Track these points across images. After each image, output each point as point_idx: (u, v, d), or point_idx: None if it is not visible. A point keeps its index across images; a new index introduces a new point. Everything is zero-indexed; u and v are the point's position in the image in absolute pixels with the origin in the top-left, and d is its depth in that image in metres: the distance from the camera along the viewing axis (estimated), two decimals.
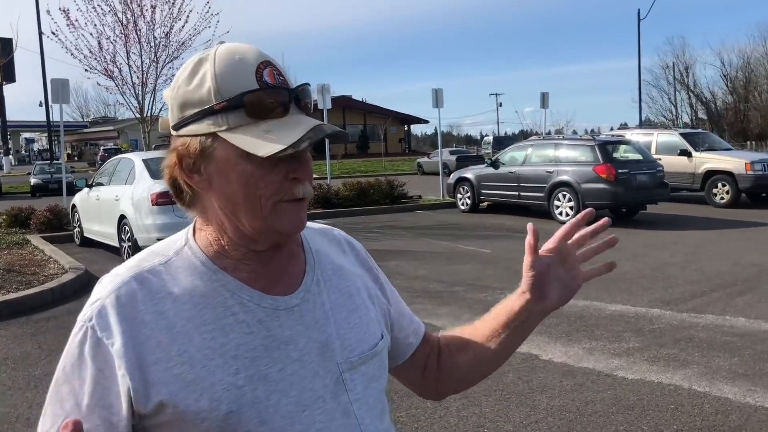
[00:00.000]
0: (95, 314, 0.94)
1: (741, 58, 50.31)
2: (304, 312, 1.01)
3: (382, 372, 1.09)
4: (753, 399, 4.16)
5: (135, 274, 0.96)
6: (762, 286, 7.17)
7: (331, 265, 1.10)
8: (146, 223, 8.74)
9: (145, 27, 14.73)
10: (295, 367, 0.97)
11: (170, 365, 0.92)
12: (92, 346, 0.92)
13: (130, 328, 0.92)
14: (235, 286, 0.98)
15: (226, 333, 0.95)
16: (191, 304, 0.95)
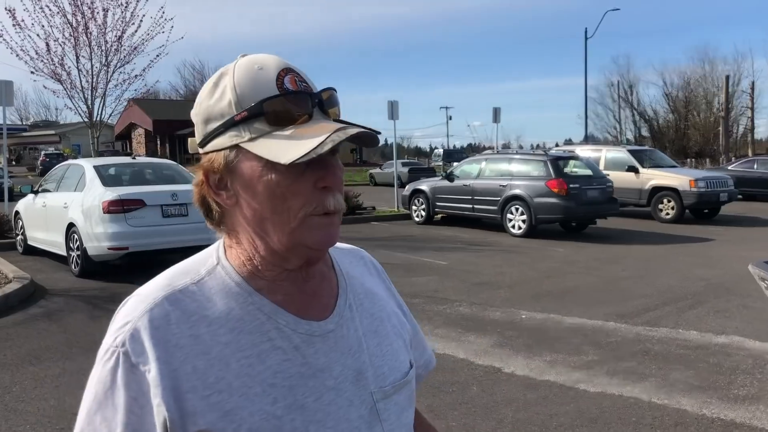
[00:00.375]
0: (128, 338, 0.88)
1: (682, 79, 52.23)
2: (338, 338, 0.97)
3: (411, 401, 1.06)
4: (709, 411, 4.28)
5: (167, 295, 0.91)
6: (710, 300, 7.40)
7: (361, 288, 1.07)
8: (97, 232, 8.48)
9: (96, 30, 14.37)
10: (331, 396, 0.93)
11: (207, 393, 0.86)
12: (126, 373, 0.87)
13: (165, 353, 0.87)
14: (271, 309, 0.93)
15: (263, 360, 0.90)
16: (227, 328, 0.90)
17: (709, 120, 48.93)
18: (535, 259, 10.24)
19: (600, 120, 54.88)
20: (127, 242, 8.48)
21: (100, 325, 6.43)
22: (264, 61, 0.92)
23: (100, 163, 9.62)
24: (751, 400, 4.46)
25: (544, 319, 6.61)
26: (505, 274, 9.02)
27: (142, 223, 8.58)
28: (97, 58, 14.57)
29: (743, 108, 47.67)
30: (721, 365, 5.17)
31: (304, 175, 0.88)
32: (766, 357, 5.37)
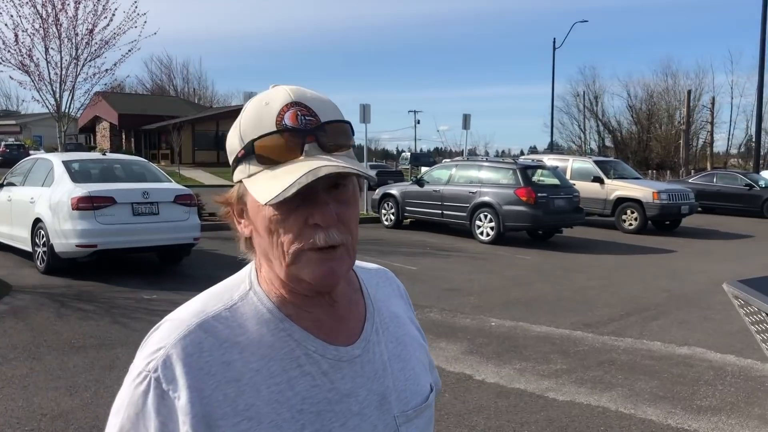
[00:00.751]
0: (160, 365, 0.90)
1: (645, 91, 53.37)
2: (364, 363, 1.00)
3: (430, 424, 1.09)
4: (674, 421, 4.42)
5: (201, 322, 0.93)
6: (672, 311, 7.61)
7: (387, 312, 1.09)
8: (65, 229, 8.35)
9: (67, 22, 14.13)
10: (356, 422, 0.96)
11: (237, 420, 0.89)
12: (156, 399, 0.89)
13: (196, 380, 0.89)
14: (301, 336, 0.96)
15: (293, 386, 0.92)
16: (258, 355, 0.93)
17: (671, 133, 50.07)
18: (503, 267, 10.39)
19: (565, 129, 55.79)
20: (96, 240, 8.37)
21: (68, 324, 6.36)
22: (274, 95, 0.93)
23: (69, 159, 9.45)
24: (714, 411, 4.62)
25: (513, 326, 6.73)
26: (474, 280, 9.14)
27: (112, 221, 8.47)
28: (67, 50, 14.34)
29: (703, 122, 48.93)
30: (684, 376, 5.33)
31: (296, 211, 0.90)
32: (726, 369, 5.55)
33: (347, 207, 0.93)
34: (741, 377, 5.36)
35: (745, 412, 4.62)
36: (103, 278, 8.51)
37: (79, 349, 5.60)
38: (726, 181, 21.78)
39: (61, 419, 4.17)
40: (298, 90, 0.94)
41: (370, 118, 17.63)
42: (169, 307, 4.58)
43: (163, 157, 42.82)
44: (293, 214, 0.90)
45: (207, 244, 11.21)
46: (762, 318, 3.31)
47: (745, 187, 21.05)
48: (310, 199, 0.89)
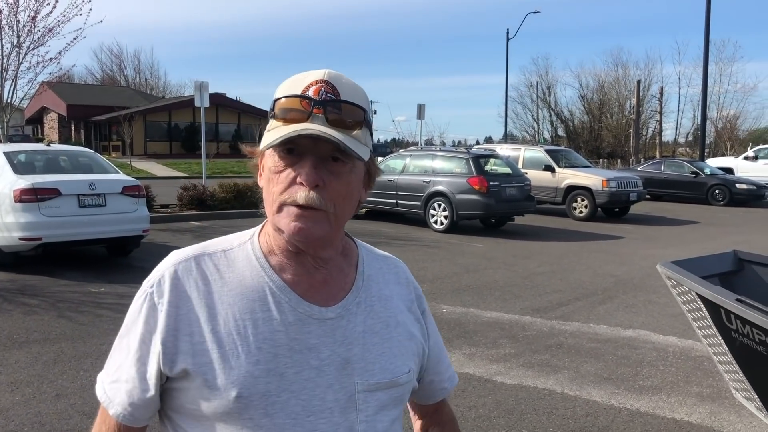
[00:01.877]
0: (156, 283, 1.07)
1: (596, 81, 54.17)
2: (335, 327, 1.08)
3: (397, 404, 1.13)
4: (617, 401, 4.54)
5: (197, 254, 1.10)
6: (619, 295, 7.80)
7: (378, 292, 1.16)
8: (7, 221, 8.11)
9: (7, 9, 13.64)
10: (311, 374, 1.04)
11: (200, 340, 1.03)
12: (147, 310, 1.06)
13: (177, 298, 1.05)
14: (279, 285, 1.07)
15: (257, 326, 1.04)
16: (236, 292, 1.06)
17: (621, 122, 51.06)
18: (456, 254, 10.50)
19: (519, 119, 56.34)
20: (41, 232, 8.15)
21: (10, 319, 6.20)
22: (314, 73, 1.05)
23: (11, 150, 9.17)
24: (655, 390, 4.77)
25: (464, 312, 6.81)
26: (427, 268, 9.21)
27: (57, 213, 8.26)
28: (8, 38, 13.85)
29: (652, 112, 50.00)
30: (628, 358, 5.48)
31: (290, 168, 1.02)
32: (668, 350, 5.73)
33: (338, 180, 1.03)
34: (681, 357, 5.53)
35: (684, 391, 4.77)
36: (49, 272, 8.30)
37: (22, 344, 5.46)
38: (673, 168, 22.35)
39: (2, 415, 4.07)
40: (335, 74, 1.06)
41: None
42: (118, 300, 4.64)
43: (114, 148, 41.87)
44: (287, 170, 1.02)
45: (158, 236, 11.03)
46: (692, 297, 3.43)
47: (691, 174, 21.64)
48: (305, 160, 1.01)
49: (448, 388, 1.31)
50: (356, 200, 1.08)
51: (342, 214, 1.05)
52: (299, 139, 1.00)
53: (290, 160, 1.02)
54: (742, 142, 44.54)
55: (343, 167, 1.03)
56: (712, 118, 47.08)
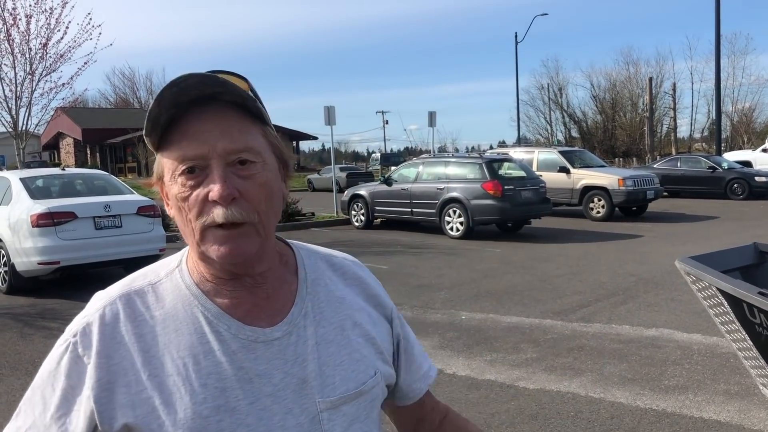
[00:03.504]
0: (80, 331, 0.96)
1: (608, 81, 53.91)
2: (284, 346, 0.98)
3: (369, 412, 1.04)
4: (642, 402, 4.46)
5: (122, 294, 0.98)
6: (640, 295, 7.70)
7: (326, 296, 1.06)
8: (25, 247, 8.18)
9: (19, 37, 13.87)
10: (266, 402, 0.94)
11: (140, 389, 0.92)
12: (70, 361, 0.94)
13: (107, 348, 0.94)
14: (215, 313, 0.97)
15: (199, 361, 0.94)
16: (170, 329, 0.95)
17: (635, 120, 50.72)
18: (473, 260, 10.43)
19: (532, 122, 56.18)
20: (58, 256, 8.21)
21: (31, 344, 6.23)
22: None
23: (27, 175, 9.27)
24: (681, 389, 4.67)
25: (484, 319, 6.74)
26: (445, 275, 9.15)
27: (74, 236, 8.32)
28: (21, 66, 14.10)
29: (666, 108, 49.62)
30: (653, 357, 5.39)
31: (198, 188, 0.92)
32: (693, 347, 5.62)
33: (253, 183, 0.93)
34: (707, 355, 5.43)
35: (712, 389, 4.68)
36: (68, 295, 8.35)
37: None
38: (690, 164, 22.11)
39: None
40: None
41: (336, 120, 17.59)
42: None
43: (129, 170, 42.30)
44: (195, 190, 0.92)
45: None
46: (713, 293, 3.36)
47: (708, 169, 21.40)
48: (211, 174, 0.91)
49: (423, 388, 1.19)
50: (279, 198, 0.98)
51: (269, 220, 0.95)
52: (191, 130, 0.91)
53: (195, 180, 0.91)
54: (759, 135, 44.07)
55: (253, 168, 0.93)
56: (727, 111, 46.64)
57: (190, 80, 0.89)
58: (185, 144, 0.91)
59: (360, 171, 35.91)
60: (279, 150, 0.99)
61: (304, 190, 32.66)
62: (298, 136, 56.44)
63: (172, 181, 0.93)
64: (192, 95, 0.90)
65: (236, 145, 0.92)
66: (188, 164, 0.91)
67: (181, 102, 0.91)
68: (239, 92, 0.92)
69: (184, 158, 0.91)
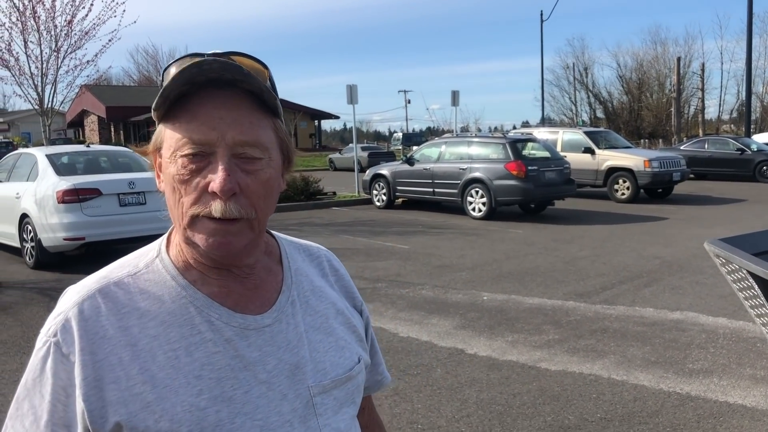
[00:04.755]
0: (59, 329, 0.90)
1: (635, 60, 53.15)
2: (275, 332, 0.97)
3: (355, 397, 1.05)
4: (666, 385, 4.41)
5: (101, 287, 0.93)
6: (665, 277, 7.60)
7: (309, 285, 1.07)
8: (51, 222, 8.29)
9: (45, 14, 13.91)
10: (262, 390, 0.93)
11: (130, 384, 0.88)
12: (55, 362, 0.89)
13: (91, 344, 0.89)
14: (204, 302, 0.94)
15: (191, 352, 0.91)
16: (157, 321, 0.92)
17: (662, 101, 49.98)
18: (495, 241, 10.37)
19: (556, 102, 55.59)
20: (84, 232, 8.31)
21: None
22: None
23: (53, 152, 9.36)
24: (705, 373, 4.62)
25: (505, 299, 6.71)
26: (467, 256, 9.12)
27: (99, 213, 8.41)
28: (47, 43, 14.12)
29: (694, 89, 48.78)
30: (677, 340, 5.32)
31: (199, 174, 0.89)
32: (718, 331, 5.55)
33: (255, 180, 0.90)
34: (733, 339, 5.35)
35: (737, 373, 4.61)
36: (93, 270, 8.34)
37: None
38: (717, 146, 21.73)
39: None
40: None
41: (358, 99, 17.51)
42: None
43: None
44: (196, 176, 0.88)
45: None
46: (743, 275, 3.29)
47: (736, 151, 21.02)
48: (215, 163, 0.88)
49: (382, 381, 1.21)
50: (277, 194, 0.96)
51: (264, 216, 0.94)
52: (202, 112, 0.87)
53: (197, 165, 0.88)
54: None
55: (258, 163, 0.90)
56: (758, 92, 45.72)
57: (214, 65, 0.86)
58: (194, 126, 0.88)
59: (381, 150, 35.79)
60: (286, 145, 0.97)
61: (325, 169, 32.68)
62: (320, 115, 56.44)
63: (172, 160, 0.90)
64: (210, 76, 0.87)
65: (246, 137, 0.89)
66: (193, 148, 0.88)
67: (198, 81, 0.87)
68: (258, 84, 0.89)
69: (190, 140, 0.88)
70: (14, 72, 14.09)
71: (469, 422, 3.93)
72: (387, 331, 5.70)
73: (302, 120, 50.86)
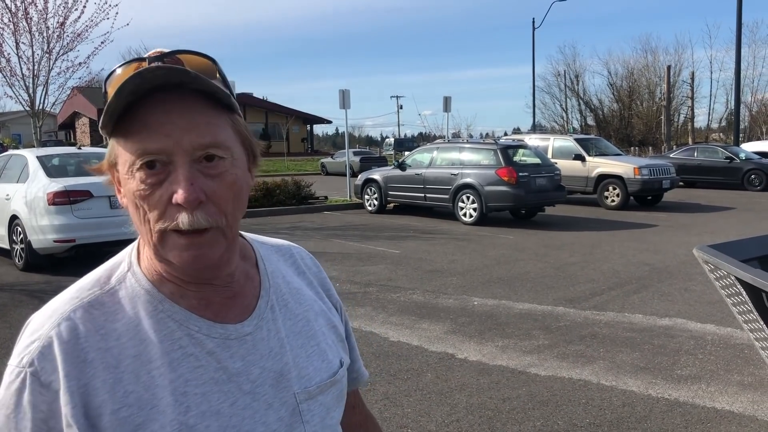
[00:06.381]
0: (36, 357, 0.84)
1: (625, 68, 53.39)
2: (257, 341, 0.94)
3: (339, 401, 1.04)
4: (654, 391, 4.44)
5: (74, 308, 0.88)
6: (654, 284, 7.65)
7: (287, 288, 1.04)
8: (42, 224, 8.25)
9: (37, 16, 13.89)
10: (247, 401, 0.91)
11: (117, 407, 0.83)
12: (33, 394, 0.83)
13: (73, 368, 0.83)
14: (183, 316, 0.90)
15: (174, 369, 0.87)
16: (137, 340, 0.87)
17: (652, 109, 50.25)
18: (486, 247, 10.41)
19: (547, 109, 55.79)
20: (74, 234, 8.28)
21: None
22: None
23: (44, 154, 9.33)
24: (693, 379, 4.65)
25: (496, 305, 6.73)
26: (457, 261, 9.14)
27: (90, 215, 8.38)
28: (39, 44, 14.11)
29: (684, 98, 49.08)
30: (666, 347, 5.36)
31: (160, 187, 0.84)
32: (706, 338, 5.59)
33: (221, 183, 0.85)
34: (720, 345, 5.40)
35: (725, 379, 4.65)
36: (83, 273, 8.25)
37: None
38: (707, 154, 21.89)
39: None
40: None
41: (350, 104, 17.54)
42: None
43: None
44: (157, 190, 0.83)
45: None
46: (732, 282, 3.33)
47: (725, 160, 21.18)
48: (175, 172, 0.83)
49: (358, 378, 1.18)
50: (247, 193, 0.91)
51: (235, 221, 0.89)
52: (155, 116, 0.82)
53: (156, 177, 0.83)
54: None
55: (222, 165, 0.85)
56: (747, 102, 46.06)
57: (158, 71, 0.81)
58: (146, 136, 0.82)
59: (373, 155, 35.84)
60: (248, 140, 0.92)
61: (317, 173, 32.65)
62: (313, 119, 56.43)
63: (129, 175, 0.84)
64: (155, 83, 0.82)
65: (204, 139, 0.84)
66: (148, 158, 0.83)
67: (142, 90, 0.82)
68: (208, 84, 0.84)
69: (145, 152, 0.83)
70: (5, 73, 14.07)
71: (459, 427, 3.94)
72: (377, 335, 5.71)
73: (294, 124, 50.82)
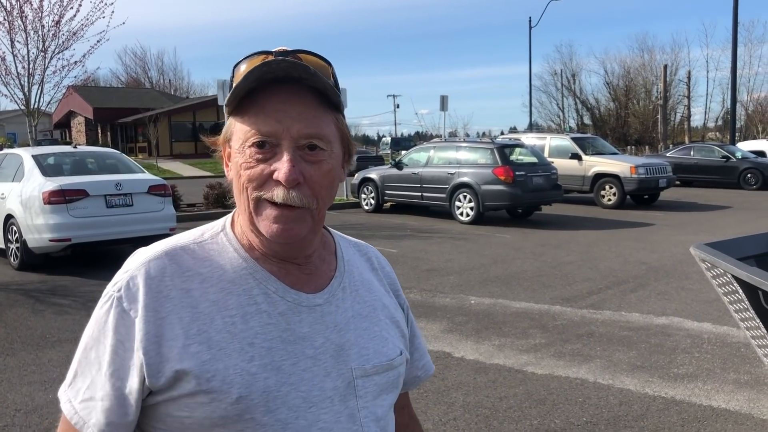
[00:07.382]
0: (123, 285, 0.97)
1: (622, 68, 53.42)
2: (325, 313, 1.03)
3: (394, 387, 1.10)
4: (651, 389, 4.44)
5: (168, 249, 1.00)
6: (651, 283, 7.66)
7: (360, 277, 1.12)
8: (37, 223, 8.22)
9: (32, 14, 13.84)
10: (308, 364, 0.98)
11: (188, 343, 0.93)
12: (116, 317, 0.95)
13: (153, 301, 0.95)
14: (263, 276, 1.00)
15: (247, 320, 0.97)
16: (218, 288, 0.98)
17: (648, 108, 50.29)
18: (483, 246, 10.40)
19: (544, 108, 55.78)
20: (70, 233, 8.25)
21: (42, 319, 6.27)
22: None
23: (39, 152, 9.29)
24: (690, 377, 4.66)
25: (493, 304, 6.73)
26: (454, 260, 9.14)
27: (85, 214, 8.35)
28: (34, 43, 14.06)
29: (680, 96, 49.12)
30: (662, 345, 5.36)
31: (264, 163, 0.95)
32: (703, 336, 5.60)
33: (319, 171, 0.96)
34: (717, 344, 5.40)
35: (721, 378, 4.66)
36: (79, 272, 8.40)
37: (54, 344, 5.52)
38: (703, 153, 21.92)
39: (36, 414, 4.11)
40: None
41: (347, 103, 17.49)
42: None
43: (140, 150, 42.33)
44: (261, 164, 0.95)
45: None
46: (728, 280, 3.32)
47: (722, 159, 21.22)
48: (280, 154, 0.94)
49: (422, 377, 1.25)
50: (337, 186, 1.02)
51: (324, 206, 1.00)
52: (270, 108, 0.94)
53: (263, 154, 0.95)
54: None
55: (321, 155, 0.97)
56: (743, 101, 46.15)
57: (283, 64, 0.92)
58: (261, 119, 0.94)
59: (370, 155, 35.80)
60: (347, 139, 1.03)
61: None
62: None
63: (241, 150, 0.96)
64: (279, 74, 0.93)
65: (310, 129, 0.95)
66: (260, 138, 0.94)
67: (266, 78, 0.94)
68: (323, 82, 0.94)
69: (258, 132, 0.94)
70: (0, 72, 13.98)
71: (456, 425, 3.94)
72: None
73: None
